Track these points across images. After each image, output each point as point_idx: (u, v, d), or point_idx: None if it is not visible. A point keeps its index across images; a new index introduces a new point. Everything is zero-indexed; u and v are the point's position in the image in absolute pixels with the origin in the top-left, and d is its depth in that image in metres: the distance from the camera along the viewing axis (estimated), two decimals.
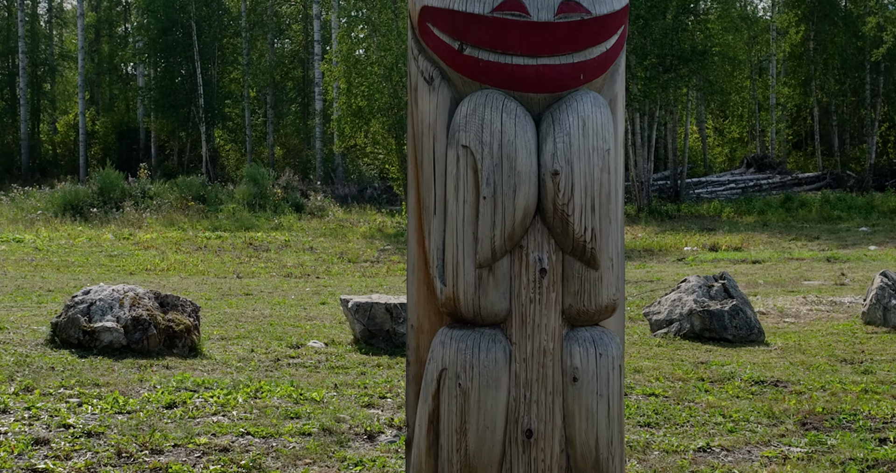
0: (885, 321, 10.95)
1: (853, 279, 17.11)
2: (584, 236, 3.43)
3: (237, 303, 12.69)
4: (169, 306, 7.90)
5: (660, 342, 9.72)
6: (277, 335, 9.37)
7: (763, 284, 16.44)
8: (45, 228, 29.73)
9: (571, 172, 3.40)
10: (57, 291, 14.00)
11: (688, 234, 29.38)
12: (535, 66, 3.41)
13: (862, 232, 28.90)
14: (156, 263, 21.47)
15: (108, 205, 33.18)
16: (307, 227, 31.78)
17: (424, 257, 3.65)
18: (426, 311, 3.68)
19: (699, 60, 36.56)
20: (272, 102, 50.38)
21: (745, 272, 18.64)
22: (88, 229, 29.35)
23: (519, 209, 3.40)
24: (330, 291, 15.03)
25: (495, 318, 3.48)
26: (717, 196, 43.73)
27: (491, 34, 3.42)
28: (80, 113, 50.02)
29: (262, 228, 30.59)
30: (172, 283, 15.88)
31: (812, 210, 36.20)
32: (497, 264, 3.45)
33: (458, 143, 3.45)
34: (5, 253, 23.50)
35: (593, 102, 3.48)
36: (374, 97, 31.02)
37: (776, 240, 27.61)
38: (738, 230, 29.86)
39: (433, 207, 3.59)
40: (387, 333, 8.63)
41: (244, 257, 24.08)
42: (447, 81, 3.55)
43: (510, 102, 3.44)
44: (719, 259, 22.17)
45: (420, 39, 3.65)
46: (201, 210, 33.32)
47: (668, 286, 16.02)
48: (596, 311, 3.50)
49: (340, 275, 21.06)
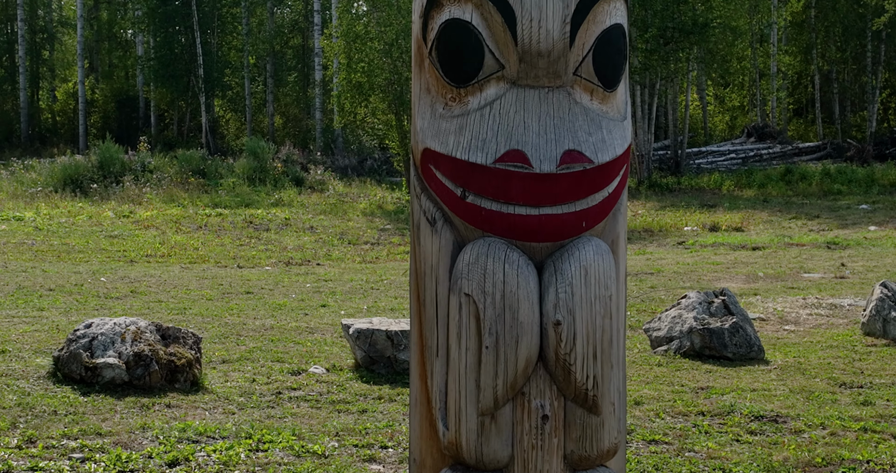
0: (885, 332, 10.97)
1: (853, 271, 17.14)
2: (587, 384, 3.45)
3: (238, 307, 12.71)
4: (171, 338, 7.91)
5: (660, 361, 9.75)
6: (279, 356, 9.39)
7: (763, 277, 16.46)
8: (46, 204, 29.71)
9: (573, 322, 3.43)
10: (58, 289, 14.00)
11: (688, 211, 29.37)
12: (538, 216, 3.42)
13: (862, 210, 28.89)
14: (156, 247, 21.49)
15: (107, 179, 33.16)
16: (307, 202, 31.77)
17: (427, 394, 3.66)
18: (429, 446, 3.70)
19: (700, 32, 36.40)
20: (272, 71, 50.22)
21: (745, 261, 18.64)
22: (89, 206, 29.35)
23: (521, 359, 3.42)
24: (330, 288, 15.04)
25: (497, 464, 3.51)
26: (717, 167, 43.69)
27: (493, 184, 3.43)
28: (79, 81, 49.88)
29: (262, 204, 30.58)
30: (173, 278, 15.89)
31: (812, 184, 36.16)
32: (499, 411, 3.47)
33: (460, 290, 3.47)
34: (6, 234, 23.52)
35: (595, 250, 3.49)
36: (373, 73, 30.93)
37: (776, 219, 27.61)
38: (738, 207, 29.84)
39: (436, 349, 3.60)
40: (388, 360, 8.67)
41: (244, 238, 24.10)
42: (449, 223, 3.57)
43: (512, 253, 3.45)
44: (720, 243, 22.18)
45: (423, 179, 3.65)
46: (201, 185, 33.31)
47: (669, 280, 16.05)
48: (598, 455, 3.53)
49: (341, 260, 21.09)
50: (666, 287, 15.04)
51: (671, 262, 18.94)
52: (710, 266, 17.86)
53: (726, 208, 29.89)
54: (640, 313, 12.49)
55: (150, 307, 12.52)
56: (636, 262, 19.21)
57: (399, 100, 30.68)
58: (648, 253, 20.96)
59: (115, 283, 15.11)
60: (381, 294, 14.51)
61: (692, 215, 28.93)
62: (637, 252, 21.12)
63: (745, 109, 55.64)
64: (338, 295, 14.26)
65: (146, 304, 12.82)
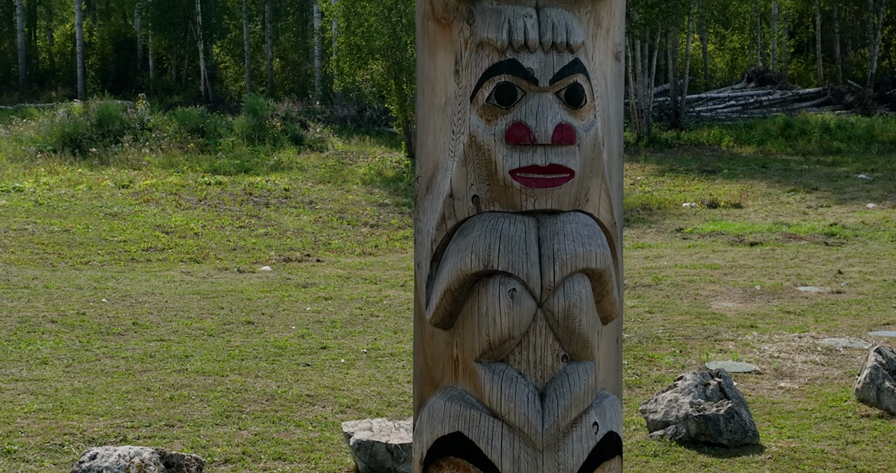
0: (878, 401, 11.11)
1: (850, 283, 17.25)
2: None
3: (240, 353, 12.82)
4: (174, 466, 8.06)
5: (656, 451, 9.90)
6: (280, 452, 9.52)
7: (760, 292, 16.58)
8: (45, 169, 29.75)
9: None
10: (60, 322, 14.12)
11: (687, 178, 29.48)
12: None
13: (861, 180, 28.94)
14: (157, 237, 21.54)
15: (106, 138, 33.16)
16: (306, 164, 31.83)
17: None
18: None
19: None
20: (270, 16, 49.92)
21: (743, 264, 18.76)
22: (88, 172, 29.40)
23: None
24: (330, 315, 15.14)
25: None
26: (716, 115, 43.66)
27: None
28: (76, 24, 49.59)
29: (261, 169, 30.65)
30: (175, 297, 15.98)
31: (812, 140, 36.20)
32: None
33: None
34: (7, 213, 23.61)
35: None
36: (372, 37, 30.82)
37: (774, 191, 27.69)
38: (736, 175, 29.91)
39: None
40: (388, 471, 8.83)
41: (244, 218, 24.21)
42: None
43: None
44: (718, 233, 22.29)
45: None
46: (200, 145, 33.31)
47: (667, 297, 16.16)
48: None
49: (340, 252, 21.22)
50: (663, 313, 15.15)
51: (669, 263, 19.05)
52: (708, 274, 17.95)
53: (725, 176, 29.95)
54: (637, 374, 12.62)
55: (152, 355, 12.63)
56: (635, 261, 19.32)
57: (398, 65, 30.58)
58: (647, 247, 21.05)
59: (117, 306, 15.22)
60: (381, 325, 14.62)
61: (691, 183, 29.02)
62: (635, 246, 21.22)
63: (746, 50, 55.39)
64: (337, 327, 14.37)
65: (147, 350, 12.92)
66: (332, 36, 38.76)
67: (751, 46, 54.77)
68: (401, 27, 30.44)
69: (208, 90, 45.21)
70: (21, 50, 50.91)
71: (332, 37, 38.88)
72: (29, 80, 50.79)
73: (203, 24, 45.91)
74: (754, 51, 54.02)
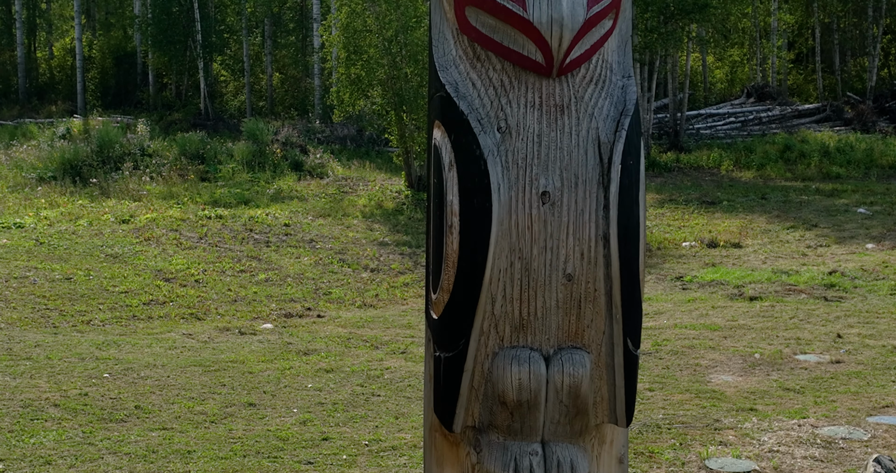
0: None
1: (850, 348, 17.32)
2: None
3: (242, 448, 12.88)
4: None
5: None
6: None
7: (759, 361, 16.64)
8: (46, 201, 29.85)
9: None
10: (63, 406, 14.18)
11: (686, 212, 29.56)
12: None
13: (860, 215, 28.99)
14: (157, 286, 21.60)
15: (107, 165, 33.24)
16: (306, 193, 31.93)
17: None
18: None
19: (701, 12, 36.24)
20: (270, 32, 49.90)
21: (743, 325, 18.82)
22: (89, 205, 29.49)
23: None
24: (332, 394, 15.19)
25: None
26: (716, 132, 43.71)
27: None
28: (76, 38, 49.56)
29: (261, 200, 30.74)
30: (176, 372, 16.04)
31: (811, 164, 36.29)
32: None
33: None
34: (8, 254, 23.70)
35: None
36: (372, 69, 30.86)
37: (774, 228, 27.77)
38: (735, 209, 29.99)
39: None
40: None
41: (245, 260, 24.28)
42: None
43: None
44: (718, 283, 22.36)
45: None
46: (200, 172, 33.37)
47: (666, 369, 16.22)
48: None
49: (340, 303, 21.29)
50: (663, 391, 15.21)
51: (669, 323, 19.12)
52: (708, 338, 18.01)
53: (724, 209, 30.02)
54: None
55: (155, 451, 12.69)
56: None
57: (399, 96, 30.61)
58: (647, 301, 21.09)
59: (119, 384, 15.28)
60: (382, 408, 14.68)
61: (691, 216, 29.10)
62: None
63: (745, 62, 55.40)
64: (339, 411, 14.43)
65: (150, 443, 12.98)
66: (332, 66, 38.78)
67: (750, 59, 54.76)
68: (401, 58, 30.46)
69: (208, 108, 45.20)
70: (21, 63, 50.88)
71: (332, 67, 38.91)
72: (29, 93, 50.75)
73: (203, 42, 45.87)
74: (753, 62, 54.00)
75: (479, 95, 3.96)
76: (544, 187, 3.86)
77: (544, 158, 3.86)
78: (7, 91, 50.95)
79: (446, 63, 4.06)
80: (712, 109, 46.59)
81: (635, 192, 4.01)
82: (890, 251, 24.98)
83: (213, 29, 46.68)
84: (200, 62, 45.50)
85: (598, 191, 3.91)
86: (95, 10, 56.78)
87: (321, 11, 44.14)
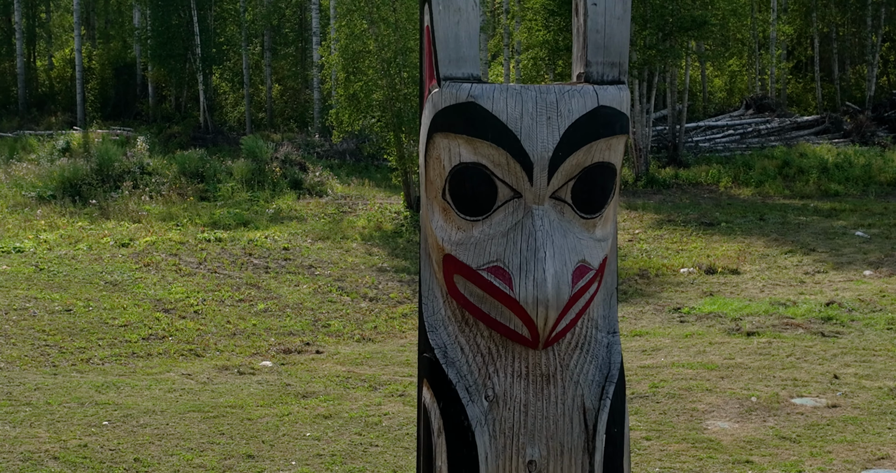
0: None
1: (846, 390, 17.36)
2: None
3: None
4: None
5: None
6: None
7: (756, 406, 16.69)
8: (45, 222, 29.93)
9: None
10: (63, 459, 14.24)
11: (685, 234, 29.61)
12: None
13: (858, 239, 29.06)
14: (156, 319, 21.65)
15: (106, 184, 33.33)
16: (305, 212, 32.00)
17: None
18: None
19: (699, 29, 36.31)
20: (269, 45, 49.94)
21: (740, 364, 18.85)
22: (88, 227, 29.56)
23: None
24: (331, 445, 15.26)
25: None
26: (715, 145, 43.76)
27: None
28: (76, 49, 49.58)
29: (261, 221, 30.80)
30: (175, 421, 16.10)
31: (810, 181, 36.38)
32: None
33: None
34: (8, 281, 23.76)
35: None
36: (371, 90, 30.92)
37: (772, 252, 27.84)
38: (734, 231, 30.05)
39: None
40: None
41: (244, 288, 24.34)
42: None
43: None
44: (716, 316, 22.39)
45: None
46: (199, 191, 33.44)
47: (662, 415, 16.27)
48: None
49: (338, 337, 21.35)
50: (660, 440, 15.26)
51: (667, 361, 19.15)
52: (705, 379, 18.06)
53: (723, 231, 30.09)
54: None
55: None
56: (632, 355, 19.43)
57: (398, 117, 30.69)
58: (644, 335, 21.16)
59: (118, 432, 15.34)
60: (379, 460, 14.74)
61: (689, 239, 29.16)
62: (633, 333, 21.34)
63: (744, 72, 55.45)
64: (337, 464, 14.48)
65: None
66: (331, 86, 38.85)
67: (749, 68, 54.81)
68: (399, 80, 30.52)
69: (207, 121, 45.25)
70: (21, 73, 50.92)
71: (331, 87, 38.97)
72: (28, 104, 50.81)
73: (202, 54, 45.92)
74: (752, 72, 54.05)
75: (468, 362, 4.04)
76: (531, 456, 3.94)
77: (531, 427, 3.95)
78: (7, 102, 50.97)
79: (435, 323, 4.14)
80: (711, 121, 46.65)
81: (619, 460, 4.08)
82: (887, 279, 25.03)
83: (213, 41, 46.71)
84: (200, 75, 45.53)
85: (584, 458, 3.99)
86: (95, 21, 56.81)
87: (320, 24, 44.27)
